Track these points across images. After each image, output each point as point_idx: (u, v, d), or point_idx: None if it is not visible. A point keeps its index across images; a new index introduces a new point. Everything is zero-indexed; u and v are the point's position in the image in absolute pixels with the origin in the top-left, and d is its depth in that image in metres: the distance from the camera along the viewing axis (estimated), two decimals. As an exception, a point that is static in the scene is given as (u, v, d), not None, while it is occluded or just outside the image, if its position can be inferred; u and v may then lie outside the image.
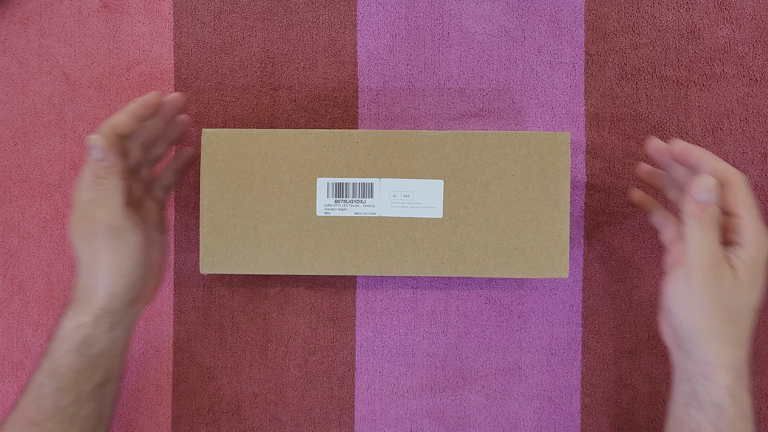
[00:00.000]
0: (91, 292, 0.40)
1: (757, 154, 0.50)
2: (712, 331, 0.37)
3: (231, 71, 0.51)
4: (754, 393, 0.50)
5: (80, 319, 0.40)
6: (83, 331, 0.40)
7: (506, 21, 0.51)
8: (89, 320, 0.40)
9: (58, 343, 0.40)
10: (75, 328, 0.40)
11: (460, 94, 0.51)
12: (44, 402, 0.40)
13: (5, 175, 0.51)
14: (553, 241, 0.44)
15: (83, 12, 0.51)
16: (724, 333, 0.37)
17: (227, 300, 0.51)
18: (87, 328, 0.40)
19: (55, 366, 0.40)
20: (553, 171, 0.44)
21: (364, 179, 0.44)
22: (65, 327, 0.41)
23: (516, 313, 0.51)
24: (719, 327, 0.37)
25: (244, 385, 0.51)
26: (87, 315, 0.40)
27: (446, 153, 0.44)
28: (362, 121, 0.51)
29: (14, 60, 0.51)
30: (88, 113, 0.51)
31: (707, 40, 0.50)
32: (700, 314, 0.37)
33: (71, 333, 0.40)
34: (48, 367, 0.40)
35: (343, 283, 0.51)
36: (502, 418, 0.51)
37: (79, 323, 0.40)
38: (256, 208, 0.45)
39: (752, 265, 0.36)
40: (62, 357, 0.40)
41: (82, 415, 0.41)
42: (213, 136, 0.45)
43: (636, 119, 0.50)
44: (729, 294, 0.36)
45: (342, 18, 0.51)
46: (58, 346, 0.40)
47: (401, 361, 0.51)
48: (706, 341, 0.37)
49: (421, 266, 0.44)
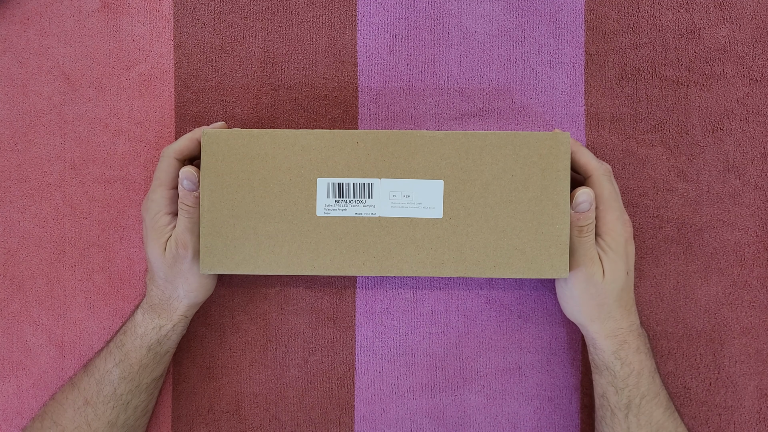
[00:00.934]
0: (175, 303, 0.45)
1: (757, 154, 0.50)
2: (588, 316, 0.45)
3: (231, 71, 0.51)
4: (755, 393, 0.50)
5: (160, 322, 0.45)
6: (161, 332, 0.45)
7: (506, 21, 0.51)
8: (169, 324, 0.45)
9: (132, 338, 0.45)
10: (154, 329, 0.45)
11: (460, 94, 0.51)
12: (105, 387, 0.45)
13: (5, 175, 0.51)
14: (553, 241, 0.44)
15: (83, 12, 0.51)
16: (598, 314, 0.44)
17: (227, 300, 0.51)
18: (166, 329, 0.45)
19: (124, 357, 0.45)
20: (553, 171, 0.44)
21: (364, 179, 0.44)
22: (142, 326, 0.45)
23: (516, 313, 0.51)
24: (593, 312, 0.44)
25: (244, 385, 0.51)
26: (166, 320, 0.45)
27: (446, 153, 0.44)
28: (362, 121, 0.51)
29: (14, 60, 0.51)
30: (88, 113, 0.51)
31: (707, 40, 0.50)
32: (576, 307, 0.45)
33: (149, 332, 0.45)
34: (117, 357, 0.45)
35: (343, 283, 0.51)
36: (502, 418, 0.51)
37: (159, 325, 0.45)
38: (256, 208, 0.45)
39: (612, 255, 0.43)
40: (134, 351, 0.45)
41: (134, 404, 0.46)
42: (213, 136, 0.45)
43: (636, 119, 0.50)
44: (598, 288, 0.43)
45: (342, 18, 0.51)
46: (131, 340, 0.45)
47: (401, 361, 0.51)
48: (586, 322, 0.45)
49: (421, 266, 0.44)
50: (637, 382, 0.44)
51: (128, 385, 0.45)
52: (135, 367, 0.45)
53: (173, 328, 0.46)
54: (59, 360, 0.51)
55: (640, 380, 0.44)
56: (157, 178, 0.44)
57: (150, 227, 0.44)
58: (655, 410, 0.44)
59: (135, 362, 0.45)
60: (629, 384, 0.44)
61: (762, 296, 0.50)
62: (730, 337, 0.50)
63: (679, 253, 0.50)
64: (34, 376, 0.51)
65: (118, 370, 0.45)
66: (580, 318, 0.45)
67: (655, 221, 0.50)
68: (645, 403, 0.44)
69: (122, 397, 0.45)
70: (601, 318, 0.44)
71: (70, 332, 0.51)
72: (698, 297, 0.50)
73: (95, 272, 0.51)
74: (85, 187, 0.51)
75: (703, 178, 0.50)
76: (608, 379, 0.44)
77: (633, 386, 0.44)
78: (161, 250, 0.44)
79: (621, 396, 0.44)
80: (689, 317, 0.50)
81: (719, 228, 0.50)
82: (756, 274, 0.50)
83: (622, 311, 0.44)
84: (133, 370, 0.45)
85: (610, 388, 0.44)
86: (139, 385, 0.45)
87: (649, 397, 0.44)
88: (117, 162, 0.51)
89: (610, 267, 0.43)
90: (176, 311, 0.46)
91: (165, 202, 0.44)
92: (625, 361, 0.44)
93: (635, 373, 0.44)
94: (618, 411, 0.44)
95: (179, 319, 0.46)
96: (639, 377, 0.44)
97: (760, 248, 0.50)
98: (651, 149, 0.50)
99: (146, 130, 0.51)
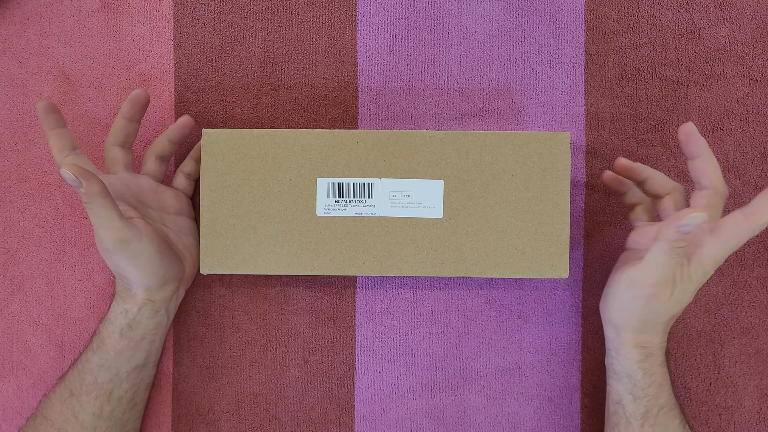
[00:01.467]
0: (131, 290, 0.45)
1: (757, 154, 0.50)
2: (628, 324, 0.42)
3: (231, 71, 0.51)
4: (755, 393, 0.50)
5: (126, 306, 0.45)
6: (128, 315, 0.45)
7: (506, 21, 0.51)
8: (134, 308, 0.45)
9: (106, 324, 0.46)
10: (121, 313, 0.45)
11: (460, 94, 0.51)
12: (86, 376, 0.45)
13: (5, 175, 0.51)
14: (553, 241, 0.44)
15: (83, 12, 0.51)
16: (640, 327, 0.42)
17: (227, 300, 0.51)
18: (132, 313, 0.45)
19: (100, 344, 0.45)
20: (553, 171, 0.44)
21: (364, 179, 0.44)
22: (113, 311, 0.46)
23: (516, 313, 0.51)
24: (636, 323, 0.42)
25: (244, 385, 0.51)
26: (131, 304, 0.45)
27: (446, 153, 0.44)
28: (362, 121, 0.51)
29: (14, 60, 0.51)
30: (88, 113, 0.51)
31: (707, 40, 0.50)
32: (626, 313, 0.42)
33: (117, 316, 0.45)
34: (95, 344, 0.46)
35: (343, 283, 0.51)
36: (502, 418, 0.51)
37: (124, 309, 0.45)
38: (256, 208, 0.45)
39: (690, 286, 0.40)
40: (108, 337, 0.45)
41: (117, 394, 0.46)
42: (213, 136, 0.45)
43: (636, 119, 0.50)
44: (658, 308, 0.41)
45: (342, 18, 0.51)
46: (105, 327, 0.46)
47: (401, 361, 0.51)
48: (622, 328, 0.43)
49: (421, 266, 0.44)
50: (657, 393, 0.42)
51: (107, 373, 0.45)
52: (111, 353, 0.45)
53: (139, 310, 0.45)
54: (59, 360, 0.51)
55: (661, 392, 0.43)
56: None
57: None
58: (670, 422, 0.43)
59: (110, 348, 0.45)
60: (649, 394, 0.42)
61: (762, 296, 0.50)
62: (730, 337, 0.50)
63: (679, 253, 0.50)
64: (34, 376, 0.51)
65: (96, 357, 0.45)
66: (618, 321, 0.43)
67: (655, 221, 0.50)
68: (662, 415, 0.43)
69: (103, 386, 0.45)
70: (638, 329, 0.42)
71: (70, 332, 0.51)
72: (698, 297, 0.50)
73: (95, 272, 0.51)
74: (85, 187, 0.51)
75: (703, 178, 0.50)
76: (627, 387, 0.43)
77: (653, 396, 0.42)
78: None
79: (639, 405, 0.43)
80: (689, 317, 0.50)
81: (719, 228, 0.50)
82: (756, 274, 0.50)
83: (662, 329, 0.43)
84: (110, 356, 0.45)
85: (629, 396, 0.43)
86: (119, 373, 0.45)
87: (666, 408, 0.43)
88: (117, 162, 0.51)
89: (681, 295, 0.40)
90: (137, 297, 0.45)
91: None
92: (648, 371, 0.42)
93: (656, 384, 0.42)
94: (633, 420, 0.43)
95: (143, 302, 0.45)
96: (660, 389, 0.43)
97: (760, 248, 0.50)
98: (651, 149, 0.50)
99: (146, 130, 0.51)
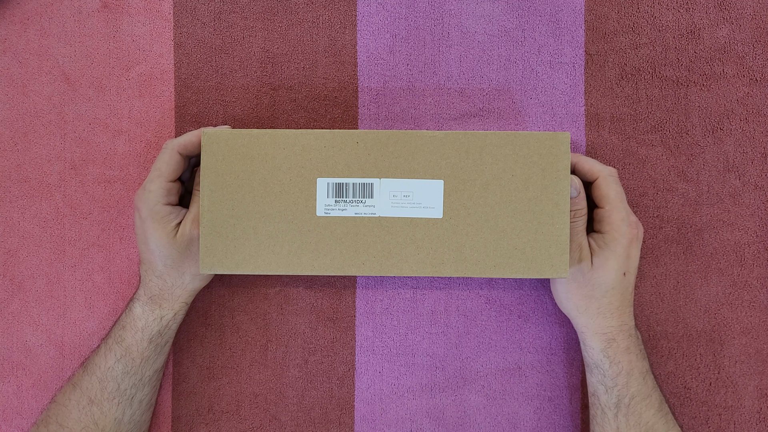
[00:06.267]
0: (178, 291, 0.46)
1: (757, 154, 0.50)
2: (575, 306, 0.45)
3: (231, 71, 0.51)
4: (755, 393, 0.50)
5: (161, 312, 0.46)
6: (163, 323, 0.46)
7: (506, 21, 0.51)
8: (170, 313, 0.46)
9: (132, 332, 0.45)
10: (155, 320, 0.45)
11: (460, 94, 0.51)
12: (109, 384, 0.45)
13: (5, 175, 0.51)
14: (553, 241, 0.44)
15: (83, 12, 0.51)
16: (586, 307, 0.45)
17: (227, 300, 0.51)
18: (167, 320, 0.46)
19: (126, 353, 0.45)
20: (553, 171, 0.44)
21: (364, 179, 0.44)
22: (143, 318, 0.45)
23: (516, 313, 0.51)
24: (581, 303, 0.45)
25: (244, 385, 0.51)
26: (168, 309, 0.46)
27: (446, 153, 0.44)
28: (362, 121, 0.51)
29: (14, 60, 0.51)
30: (88, 113, 0.51)
31: (707, 40, 0.50)
32: (565, 295, 0.46)
33: (150, 324, 0.45)
34: (118, 353, 0.45)
35: (343, 283, 0.51)
36: (502, 418, 0.51)
37: (160, 316, 0.46)
38: (256, 208, 0.45)
39: (608, 252, 0.44)
40: (135, 345, 0.45)
41: (139, 398, 0.46)
42: (213, 136, 0.45)
43: (636, 119, 0.50)
44: (585, 278, 0.44)
45: (342, 18, 0.51)
46: (132, 335, 0.45)
47: (401, 361, 0.51)
48: (574, 313, 0.46)
49: (421, 266, 0.44)
50: (627, 382, 0.44)
51: (131, 379, 0.45)
52: (137, 361, 0.45)
53: (174, 317, 0.46)
54: (59, 360, 0.51)
55: (630, 380, 0.44)
56: (157, 169, 0.44)
57: (149, 217, 0.44)
58: (645, 411, 0.44)
59: (137, 356, 0.45)
60: (618, 383, 0.44)
61: (762, 296, 0.50)
62: (730, 337, 0.50)
63: (679, 253, 0.50)
64: (34, 376, 0.51)
65: (120, 366, 0.45)
66: (568, 306, 0.46)
67: (655, 221, 0.50)
68: (634, 404, 0.44)
69: (126, 392, 0.45)
70: (589, 312, 0.45)
71: (70, 332, 0.51)
72: (698, 297, 0.50)
73: (95, 272, 0.51)
74: (85, 187, 0.51)
75: (703, 178, 0.50)
76: (598, 378, 0.45)
77: (622, 386, 0.44)
78: (169, 236, 0.44)
79: (611, 395, 0.44)
80: (689, 317, 0.50)
81: (719, 228, 0.50)
82: (756, 274, 0.50)
83: (613, 310, 0.45)
84: (136, 364, 0.45)
85: (600, 386, 0.45)
86: (142, 378, 0.46)
87: (639, 397, 0.44)
88: (117, 162, 0.51)
89: (602, 262, 0.44)
90: (179, 299, 0.46)
91: (163, 193, 0.44)
92: (614, 359, 0.44)
93: (624, 373, 0.44)
94: (608, 410, 0.44)
95: (180, 306, 0.46)
96: (629, 377, 0.44)
97: (760, 248, 0.50)
98: (651, 149, 0.50)
99: (146, 130, 0.51)
